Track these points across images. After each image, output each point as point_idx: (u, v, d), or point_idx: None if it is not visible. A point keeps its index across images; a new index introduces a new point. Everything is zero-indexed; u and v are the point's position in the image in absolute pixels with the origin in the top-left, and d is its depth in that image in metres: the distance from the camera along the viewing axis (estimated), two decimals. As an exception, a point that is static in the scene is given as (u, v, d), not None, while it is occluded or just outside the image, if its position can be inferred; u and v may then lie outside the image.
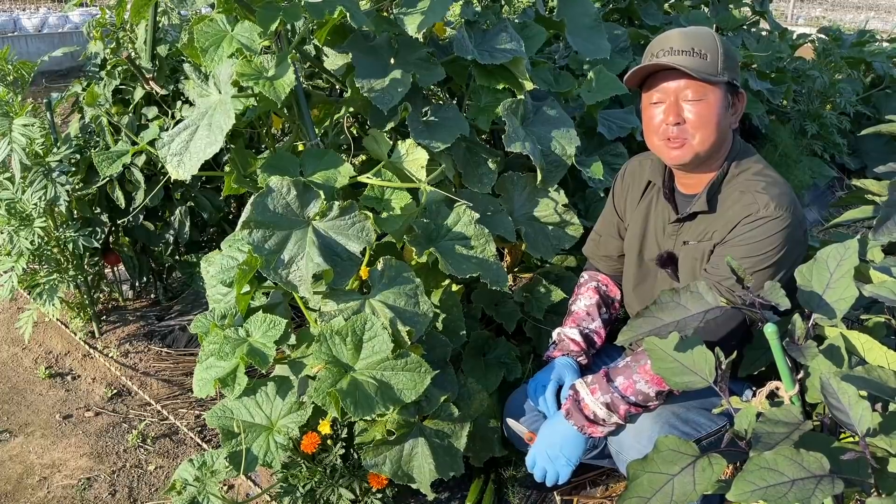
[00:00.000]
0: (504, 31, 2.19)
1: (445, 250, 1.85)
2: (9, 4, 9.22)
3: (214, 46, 1.72)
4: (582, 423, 1.61)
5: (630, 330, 1.23)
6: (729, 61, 1.55)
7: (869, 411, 0.99)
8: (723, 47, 1.54)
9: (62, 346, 2.80)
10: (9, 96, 2.43)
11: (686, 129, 1.55)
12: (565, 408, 1.64)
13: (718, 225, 1.59)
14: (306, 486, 1.76)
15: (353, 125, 2.34)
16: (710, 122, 1.54)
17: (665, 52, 1.55)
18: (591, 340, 1.88)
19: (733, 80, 1.56)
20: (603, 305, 1.92)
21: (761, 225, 1.51)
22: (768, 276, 1.51)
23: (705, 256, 1.62)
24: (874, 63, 4.53)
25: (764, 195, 1.53)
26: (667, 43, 1.55)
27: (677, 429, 1.58)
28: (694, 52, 1.52)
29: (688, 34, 1.54)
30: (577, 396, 1.63)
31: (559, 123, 2.21)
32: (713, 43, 1.54)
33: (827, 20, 10.42)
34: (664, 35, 1.58)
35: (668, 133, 1.57)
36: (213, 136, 1.72)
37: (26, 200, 2.45)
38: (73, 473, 2.17)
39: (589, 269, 2.00)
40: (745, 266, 1.52)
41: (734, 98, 1.60)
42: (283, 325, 1.72)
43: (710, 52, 1.52)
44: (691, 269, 1.64)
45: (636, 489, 1.08)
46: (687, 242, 1.66)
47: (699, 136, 1.55)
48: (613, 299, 1.94)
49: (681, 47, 1.53)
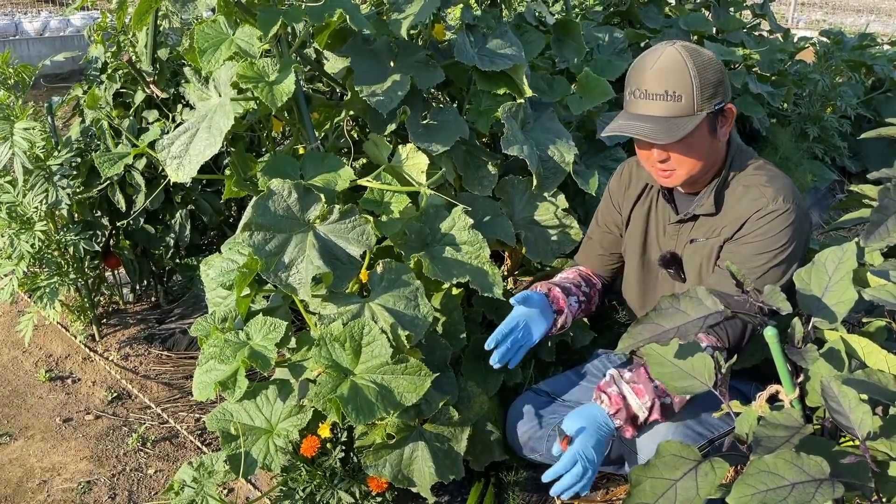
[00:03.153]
0: (504, 37, 2.19)
1: (436, 255, 1.85)
2: (10, 8, 9.25)
3: (213, 49, 1.72)
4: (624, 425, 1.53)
5: (630, 337, 1.22)
6: (707, 89, 1.50)
7: (869, 415, 0.99)
8: (699, 78, 1.49)
9: (62, 349, 2.80)
10: (10, 100, 2.43)
11: (671, 164, 1.58)
12: (615, 407, 1.52)
13: (727, 221, 1.60)
14: (306, 489, 1.76)
15: (354, 128, 2.35)
16: (692, 157, 1.56)
17: (640, 94, 1.53)
18: (569, 291, 1.81)
19: (716, 105, 1.52)
20: (583, 283, 1.87)
21: (772, 220, 1.53)
22: (782, 271, 1.53)
23: (714, 253, 1.62)
24: (875, 66, 4.53)
25: (769, 188, 1.55)
26: (641, 81, 1.53)
27: (692, 429, 1.57)
28: (668, 96, 1.49)
29: (661, 72, 1.50)
30: (626, 401, 1.53)
31: (558, 133, 2.22)
32: (687, 79, 1.49)
33: (827, 23, 10.42)
34: (640, 66, 1.54)
35: (656, 165, 1.60)
36: (212, 139, 1.73)
37: (27, 204, 2.45)
38: (72, 477, 2.17)
39: (573, 266, 1.99)
40: (759, 262, 1.54)
41: (720, 117, 1.57)
42: (283, 328, 1.72)
43: (684, 91, 1.49)
44: (699, 266, 1.64)
45: (639, 495, 1.08)
46: (694, 240, 1.66)
47: (685, 168, 1.58)
48: (594, 284, 1.91)
49: (654, 90, 1.50)
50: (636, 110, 1.55)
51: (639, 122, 1.52)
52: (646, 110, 1.52)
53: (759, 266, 1.54)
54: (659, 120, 1.50)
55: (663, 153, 1.56)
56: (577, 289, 1.84)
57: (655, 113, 1.51)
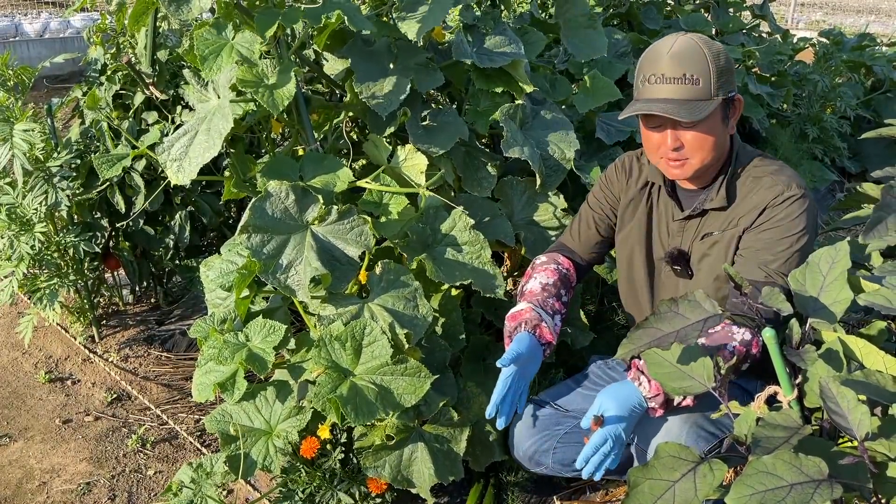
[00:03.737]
0: (503, 35, 2.19)
1: (438, 256, 1.85)
2: (10, 10, 9.25)
3: (214, 55, 1.72)
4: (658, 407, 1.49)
5: (630, 343, 1.22)
6: (723, 76, 1.52)
7: (868, 415, 0.99)
8: (715, 63, 1.51)
9: (62, 350, 2.80)
10: (10, 101, 2.43)
11: (685, 151, 1.57)
12: (655, 391, 1.48)
13: (744, 210, 1.60)
14: (305, 490, 1.76)
15: (353, 130, 2.35)
16: (708, 144, 1.56)
17: (656, 79, 1.53)
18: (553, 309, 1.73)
19: (729, 93, 1.55)
20: (563, 287, 1.78)
21: (790, 204, 1.55)
22: (801, 257, 1.52)
23: (733, 244, 1.61)
24: (874, 67, 4.53)
25: (781, 176, 1.58)
26: (657, 66, 1.53)
27: (704, 429, 1.56)
28: (686, 79, 1.50)
29: (678, 56, 1.51)
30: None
31: (558, 127, 2.21)
32: (704, 63, 1.50)
33: (827, 24, 10.42)
34: (655, 52, 1.55)
35: (667, 154, 1.59)
36: (211, 141, 1.73)
37: (27, 205, 2.45)
38: (72, 478, 2.17)
39: (551, 251, 1.90)
40: (782, 248, 1.54)
41: (731, 107, 1.59)
42: (282, 330, 1.72)
43: (702, 75, 1.50)
44: (714, 261, 1.63)
45: (637, 496, 1.08)
46: (708, 235, 1.65)
47: (699, 157, 1.58)
48: (571, 285, 1.83)
49: (672, 74, 1.51)
50: (653, 94, 1.54)
51: (659, 104, 1.52)
52: (664, 94, 1.52)
53: (783, 251, 1.54)
54: (678, 102, 1.51)
55: (677, 140, 1.56)
56: (558, 300, 1.74)
57: (674, 96, 1.51)
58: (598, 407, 1.50)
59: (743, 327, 1.50)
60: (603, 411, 1.48)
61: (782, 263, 1.54)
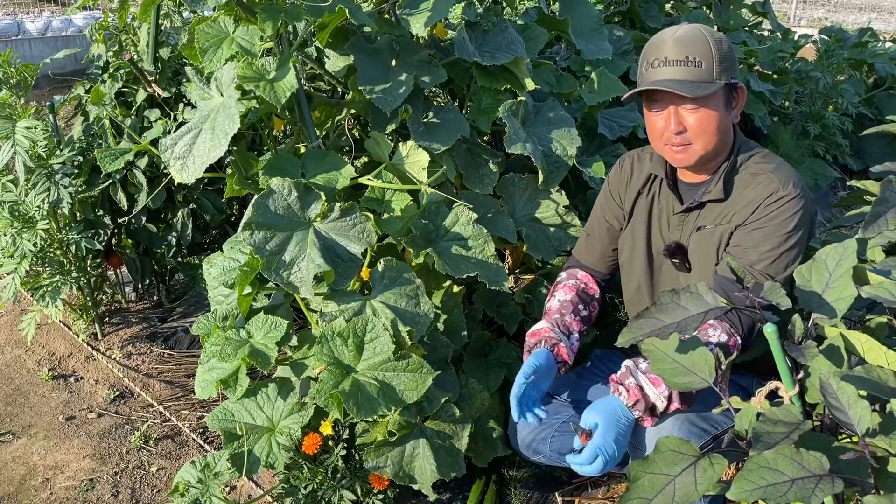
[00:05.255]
0: (505, 32, 2.19)
1: (443, 251, 1.85)
2: (12, 8, 9.26)
3: (214, 48, 1.73)
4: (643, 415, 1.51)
5: (630, 331, 1.24)
6: (725, 61, 1.55)
7: (868, 411, 0.99)
8: (717, 48, 1.54)
9: (65, 347, 2.81)
10: (12, 99, 2.44)
11: (688, 135, 1.59)
12: (634, 399, 1.50)
13: (737, 207, 1.61)
14: (308, 487, 1.76)
15: (355, 127, 2.35)
16: (711, 127, 1.57)
17: (660, 63, 1.56)
18: (568, 329, 1.78)
19: (731, 79, 1.57)
20: (580, 303, 1.83)
21: (782, 205, 1.55)
22: (792, 257, 1.55)
23: (724, 240, 1.63)
24: (876, 64, 4.53)
25: (778, 174, 1.58)
26: (661, 51, 1.56)
27: (696, 426, 1.57)
28: (688, 62, 1.53)
29: (681, 40, 1.55)
30: (643, 392, 1.50)
31: (560, 123, 2.21)
32: (707, 47, 1.54)
33: (829, 21, 10.40)
34: (658, 39, 1.59)
35: (671, 140, 1.61)
36: (216, 140, 1.73)
37: (29, 203, 2.46)
38: (75, 475, 2.18)
39: (569, 268, 1.95)
40: (769, 247, 1.55)
41: (734, 94, 1.61)
42: (284, 327, 1.72)
43: (704, 58, 1.53)
44: (706, 254, 1.65)
45: (637, 490, 1.08)
46: (702, 228, 1.66)
47: (702, 141, 1.59)
48: (592, 297, 1.87)
49: (675, 56, 1.54)
50: (656, 77, 1.57)
51: (662, 82, 1.55)
52: (667, 75, 1.55)
53: (770, 251, 1.55)
54: (681, 81, 1.54)
55: (680, 124, 1.57)
56: (575, 317, 1.79)
57: (677, 77, 1.54)
58: (584, 422, 1.52)
59: (719, 329, 1.52)
60: (590, 426, 1.50)
61: (768, 265, 1.55)
